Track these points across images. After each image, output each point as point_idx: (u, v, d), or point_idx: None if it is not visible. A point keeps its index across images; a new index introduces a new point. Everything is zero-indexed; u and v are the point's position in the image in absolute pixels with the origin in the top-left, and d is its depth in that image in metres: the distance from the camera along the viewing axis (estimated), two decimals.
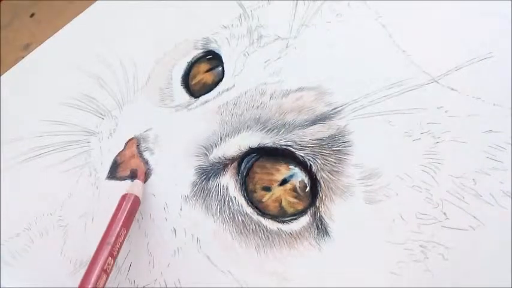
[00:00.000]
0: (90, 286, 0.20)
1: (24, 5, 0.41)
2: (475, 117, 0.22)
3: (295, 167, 0.23)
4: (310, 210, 0.22)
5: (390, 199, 0.21)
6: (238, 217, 0.23)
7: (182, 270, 0.23)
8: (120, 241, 0.22)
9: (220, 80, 0.27)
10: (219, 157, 0.25)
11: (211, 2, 0.31)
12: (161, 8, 0.33)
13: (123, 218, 0.23)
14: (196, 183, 0.25)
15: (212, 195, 0.24)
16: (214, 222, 0.23)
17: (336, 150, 0.23)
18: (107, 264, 0.21)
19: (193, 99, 0.27)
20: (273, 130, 0.24)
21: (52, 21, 0.37)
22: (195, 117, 0.26)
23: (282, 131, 0.24)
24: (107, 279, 0.21)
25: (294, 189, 0.23)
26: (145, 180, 0.26)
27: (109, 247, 0.21)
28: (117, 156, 0.27)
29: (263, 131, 0.24)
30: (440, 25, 0.25)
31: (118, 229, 0.22)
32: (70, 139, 0.29)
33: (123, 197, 0.24)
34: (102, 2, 0.35)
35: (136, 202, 0.24)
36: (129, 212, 0.23)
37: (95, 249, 0.21)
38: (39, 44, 0.36)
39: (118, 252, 0.22)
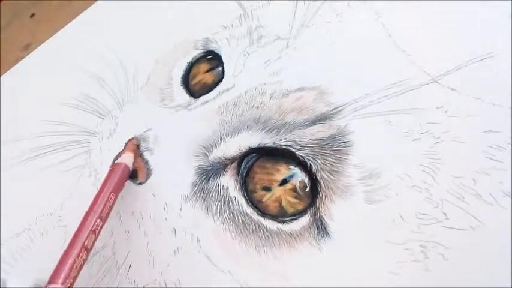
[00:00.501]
0: (79, 244, 0.21)
1: (24, 5, 0.41)
2: (475, 117, 0.22)
3: (295, 167, 0.23)
4: (310, 210, 0.22)
5: (390, 199, 0.21)
6: (238, 217, 0.23)
7: (182, 270, 0.23)
8: (109, 205, 0.23)
9: (220, 80, 0.27)
10: (219, 157, 0.25)
11: (211, 2, 0.31)
12: (161, 8, 0.33)
13: (113, 183, 0.23)
14: (196, 183, 0.25)
15: (212, 195, 0.24)
16: (214, 222, 0.23)
17: (336, 150, 0.23)
18: (95, 225, 0.22)
19: (193, 100, 0.27)
20: (273, 130, 0.24)
21: (52, 21, 0.37)
22: (195, 117, 0.26)
23: (282, 131, 0.24)
24: (95, 239, 0.22)
25: (294, 189, 0.23)
26: (145, 180, 0.26)
27: (98, 209, 0.22)
28: (117, 156, 0.27)
29: (263, 131, 0.24)
30: (440, 25, 0.24)
31: (107, 193, 0.23)
32: (70, 139, 0.29)
33: (113, 165, 0.25)
34: (102, 2, 0.35)
35: (126, 170, 0.25)
36: (119, 178, 0.24)
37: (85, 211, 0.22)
38: (39, 44, 0.36)
39: (107, 215, 0.23)
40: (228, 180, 0.24)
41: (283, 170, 0.23)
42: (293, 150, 0.23)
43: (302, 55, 0.26)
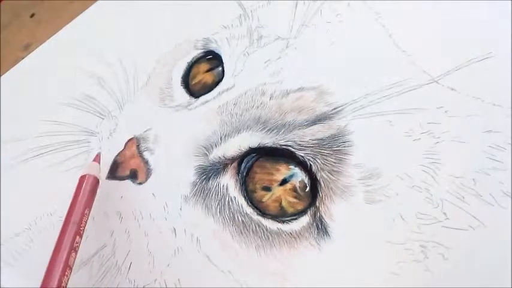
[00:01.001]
0: (61, 264, 0.20)
1: (24, 5, 0.41)
2: (475, 117, 0.22)
3: (295, 167, 0.23)
4: (310, 210, 0.22)
5: (390, 199, 0.21)
6: (238, 217, 0.23)
7: (182, 270, 0.23)
8: (85, 220, 0.23)
9: (220, 80, 0.27)
10: (219, 157, 0.25)
11: (211, 2, 0.31)
12: (161, 8, 0.33)
13: (85, 198, 0.23)
14: (196, 183, 0.25)
15: (212, 195, 0.24)
16: (214, 222, 0.23)
17: (336, 150, 0.23)
18: (75, 242, 0.21)
19: (193, 99, 0.27)
20: (273, 130, 0.24)
21: (52, 21, 0.37)
22: (195, 117, 0.26)
23: (282, 131, 0.24)
24: (75, 256, 0.21)
25: (294, 189, 0.23)
26: (145, 180, 0.26)
27: (75, 226, 0.22)
28: (117, 156, 0.27)
29: (263, 131, 0.24)
30: (440, 25, 0.25)
31: (82, 209, 0.23)
32: (70, 139, 0.29)
33: (82, 179, 0.24)
34: (103, 2, 0.35)
35: (95, 182, 0.24)
36: (90, 192, 0.24)
37: (60, 229, 0.22)
38: (40, 44, 0.36)
39: (83, 231, 0.22)
40: (228, 180, 0.24)
41: (283, 170, 0.23)
42: (293, 150, 0.23)
43: (302, 55, 0.26)
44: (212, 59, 0.29)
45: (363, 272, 0.21)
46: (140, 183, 0.26)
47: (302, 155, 0.23)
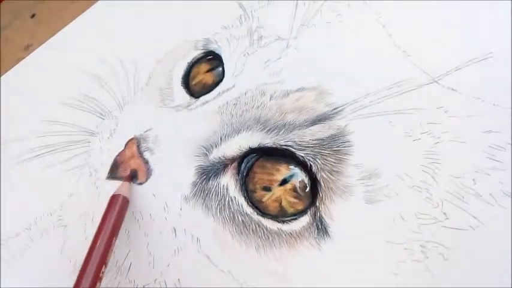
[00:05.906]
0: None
1: (25, 5, 0.41)
2: (475, 118, 0.22)
3: (295, 167, 0.23)
4: (310, 210, 0.22)
5: (390, 199, 0.21)
6: (238, 217, 0.23)
7: (182, 270, 0.23)
8: (112, 244, 0.22)
9: (221, 80, 0.27)
10: (219, 157, 0.25)
11: (211, 2, 0.31)
12: (162, 9, 0.33)
13: (112, 221, 0.23)
14: (196, 183, 0.25)
15: (212, 195, 0.24)
16: (214, 222, 0.23)
17: (336, 150, 0.23)
18: (101, 272, 0.21)
19: (193, 100, 0.27)
20: (273, 130, 0.24)
21: (53, 21, 0.37)
22: (195, 117, 0.26)
23: (282, 131, 0.24)
24: (99, 285, 0.21)
25: (294, 189, 0.23)
26: (145, 180, 0.26)
27: (100, 251, 0.21)
28: (117, 156, 0.27)
29: (263, 131, 0.24)
30: (440, 25, 0.25)
31: (108, 233, 0.22)
32: (70, 139, 0.29)
33: (112, 199, 0.24)
34: (103, 2, 0.35)
35: (125, 203, 0.24)
36: (119, 213, 0.23)
37: (86, 252, 0.21)
38: (40, 45, 0.36)
39: (109, 257, 0.22)
40: (228, 180, 0.24)
41: (283, 170, 0.23)
42: (293, 150, 0.23)
43: (302, 55, 0.26)
44: (212, 59, 0.29)
45: (363, 272, 0.21)
46: (140, 183, 0.26)
47: (302, 155, 0.23)
